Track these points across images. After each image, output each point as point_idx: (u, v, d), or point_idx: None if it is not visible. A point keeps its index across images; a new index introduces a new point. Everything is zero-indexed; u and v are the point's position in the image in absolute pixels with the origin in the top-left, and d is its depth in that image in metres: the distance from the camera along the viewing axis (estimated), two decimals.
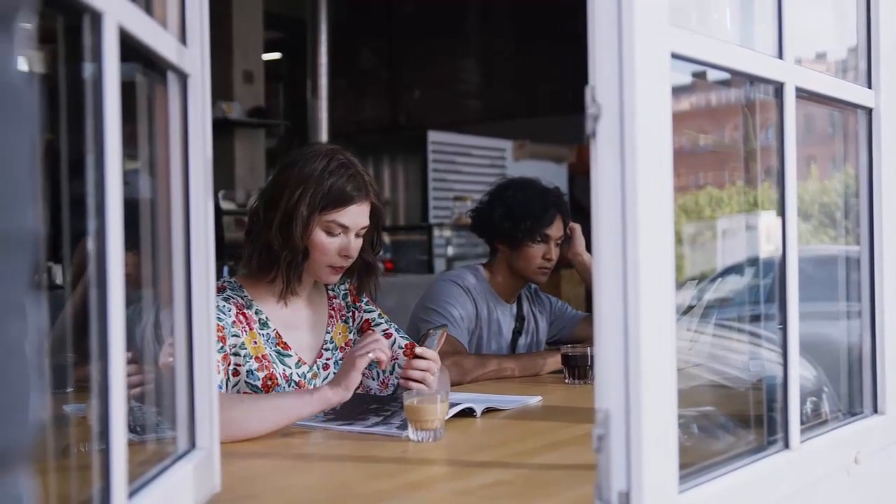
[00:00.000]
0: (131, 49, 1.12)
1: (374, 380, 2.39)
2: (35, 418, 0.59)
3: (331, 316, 2.40)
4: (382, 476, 1.67)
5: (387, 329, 2.43)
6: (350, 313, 2.44)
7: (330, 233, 2.22)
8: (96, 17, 1.00)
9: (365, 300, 2.48)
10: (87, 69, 1.02)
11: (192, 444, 1.39)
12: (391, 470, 1.71)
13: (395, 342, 2.39)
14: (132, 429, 1.23)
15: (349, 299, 2.46)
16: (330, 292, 2.44)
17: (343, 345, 2.39)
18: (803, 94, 1.59)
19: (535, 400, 2.39)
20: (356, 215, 2.25)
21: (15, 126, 0.56)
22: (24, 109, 0.57)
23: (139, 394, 1.45)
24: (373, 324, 2.44)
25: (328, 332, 2.38)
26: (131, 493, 1.10)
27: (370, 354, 2.03)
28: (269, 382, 2.20)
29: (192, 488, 1.33)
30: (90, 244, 1.01)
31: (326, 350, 2.36)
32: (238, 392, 2.17)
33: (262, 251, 2.23)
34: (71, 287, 1.97)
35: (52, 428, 1.24)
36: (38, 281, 0.63)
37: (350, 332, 2.42)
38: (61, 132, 1.04)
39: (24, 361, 0.57)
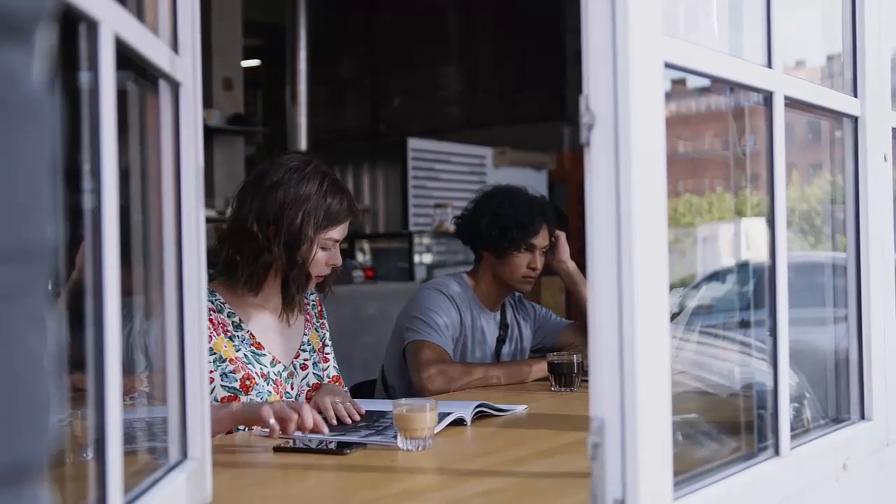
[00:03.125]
0: (124, 57, 1.12)
1: None
2: (54, 430, 0.59)
3: (307, 320, 2.48)
4: (374, 485, 1.66)
5: (328, 353, 2.53)
6: (320, 323, 2.54)
7: (324, 248, 2.32)
8: (93, 26, 0.99)
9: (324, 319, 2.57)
10: (83, 77, 1.02)
11: (184, 455, 1.38)
12: (382, 479, 1.71)
13: (305, 377, 2.45)
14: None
15: (316, 311, 2.54)
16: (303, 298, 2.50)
17: (316, 348, 2.48)
18: (791, 103, 1.60)
19: (521, 408, 2.39)
20: (346, 229, 2.37)
21: (36, 138, 0.56)
22: (45, 121, 0.57)
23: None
24: (325, 344, 2.54)
25: (305, 335, 2.45)
26: None
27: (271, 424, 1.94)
28: (248, 382, 2.25)
29: (185, 499, 1.32)
30: (87, 253, 1.01)
31: (304, 351, 2.44)
32: (214, 399, 2.18)
33: (263, 269, 2.28)
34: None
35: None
36: (52, 294, 0.63)
37: (320, 341, 2.51)
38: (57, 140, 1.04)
39: (44, 373, 0.57)
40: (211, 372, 2.20)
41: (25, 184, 0.55)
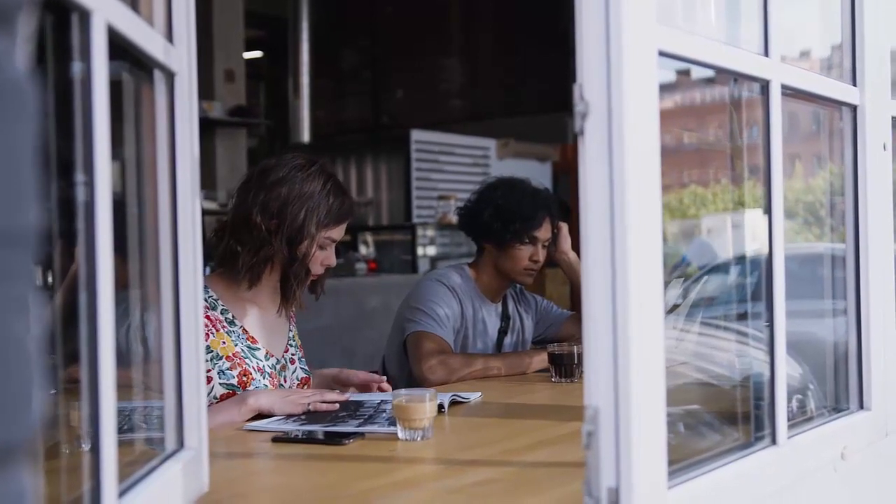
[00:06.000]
0: (118, 47, 1.12)
1: None
2: (38, 414, 0.59)
3: (291, 317, 2.52)
4: (371, 475, 1.66)
5: (296, 354, 2.53)
6: (296, 322, 2.58)
7: (321, 247, 2.35)
8: (85, 16, 0.99)
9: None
10: (75, 67, 1.02)
11: (181, 444, 1.38)
12: (379, 469, 1.71)
13: (294, 371, 2.47)
14: (119, 429, 1.23)
15: (294, 310, 2.56)
16: None
17: (299, 345, 2.53)
18: (789, 92, 1.60)
19: (475, 396, 2.41)
20: (343, 230, 2.40)
21: (18, 124, 0.56)
22: (26, 107, 0.57)
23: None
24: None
25: (291, 331, 2.50)
26: (121, 493, 1.09)
27: (310, 406, 2.15)
28: (245, 378, 2.28)
29: (181, 488, 1.32)
30: (80, 246, 1.01)
31: (291, 346, 2.48)
32: (214, 398, 2.20)
33: (263, 262, 2.31)
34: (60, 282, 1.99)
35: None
36: (37, 278, 0.63)
37: (298, 338, 2.56)
38: (48, 131, 1.04)
39: (28, 357, 0.57)
40: (209, 371, 2.21)
41: (7, 169, 0.55)
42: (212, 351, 2.24)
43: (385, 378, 2.50)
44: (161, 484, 1.24)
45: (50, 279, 1.33)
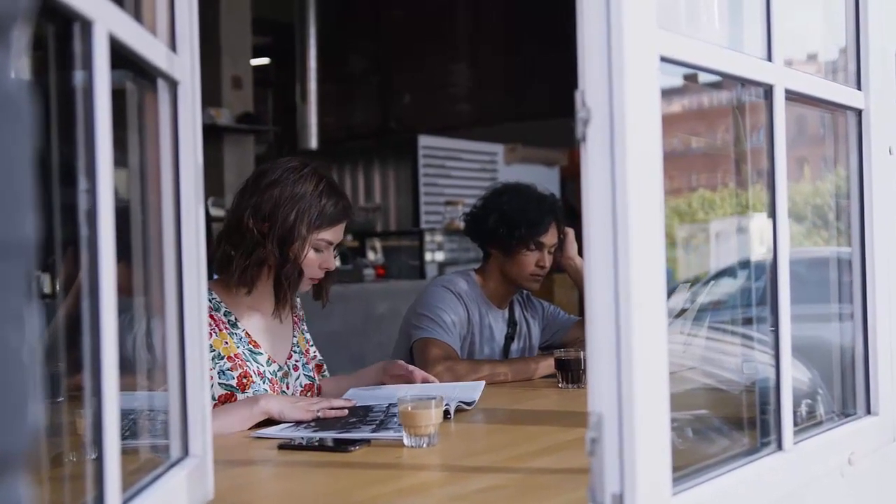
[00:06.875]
0: (121, 56, 1.12)
1: None
2: (33, 425, 0.59)
3: (295, 323, 2.52)
4: (377, 482, 1.66)
5: (312, 348, 2.56)
6: (304, 325, 2.58)
7: (317, 249, 2.35)
8: (87, 25, 1.00)
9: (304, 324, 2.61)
10: (78, 76, 1.02)
11: (186, 452, 1.38)
12: (385, 476, 1.71)
13: (298, 377, 2.47)
14: (122, 436, 1.23)
15: (301, 314, 2.58)
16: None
17: (304, 351, 2.52)
18: (793, 96, 1.60)
19: (479, 385, 2.44)
20: (341, 232, 2.40)
21: (14, 134, 0.56)
22: (22, 118, 0.58)
23: None
24: (310, 344, 2.59)
25: (294, 337, 2.50)
26: (125, 501, 1.09)
27: (319, 413, 2.16)
28: (245, 380, 2.29)
29: (186, 496, 1.32)
30: (82, 253, 1.01)
31: (295, 352, 2.48)
32: (213, 398, 2.21)
33: (256, 265, 2.31)
34: (63, 294, 1.99)
35: (43, 437, 1.24)
36: (33, 289, 0.63)
37: (306, 343, 2.55)
38: (50, 139, 1.04)
39: (23, 369, 0.57)
40: (210, 369, 2.22)
41: (3, 181, 0.56)
42: (214, 350, 2.25)
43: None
44: (165, 492, 1.24)
45: (57, 287, 1.34)
